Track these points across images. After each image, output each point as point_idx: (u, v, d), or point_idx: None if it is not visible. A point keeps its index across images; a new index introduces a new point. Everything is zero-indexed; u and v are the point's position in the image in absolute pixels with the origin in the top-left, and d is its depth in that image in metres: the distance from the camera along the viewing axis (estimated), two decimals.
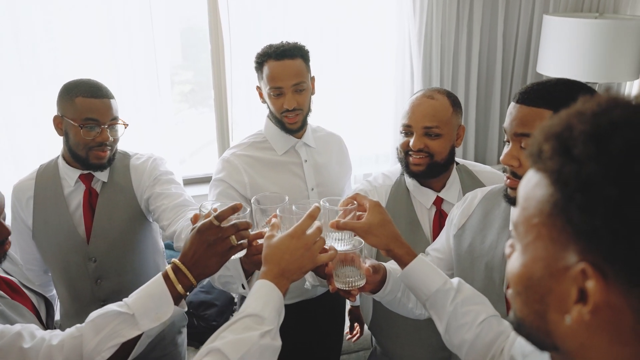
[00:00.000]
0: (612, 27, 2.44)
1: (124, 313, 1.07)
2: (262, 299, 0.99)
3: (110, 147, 1.72)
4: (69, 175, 1.75)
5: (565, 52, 2.56)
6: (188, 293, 1.13)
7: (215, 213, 1.11)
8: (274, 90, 1.74)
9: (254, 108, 2.80)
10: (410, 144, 1.57)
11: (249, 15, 2.66)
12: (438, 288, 1.14)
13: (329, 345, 2.15)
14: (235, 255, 1.17)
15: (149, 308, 1.08)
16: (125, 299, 1.10)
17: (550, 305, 0.57)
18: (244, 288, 1.31)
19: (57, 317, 1.81)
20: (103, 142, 1.68)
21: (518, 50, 3.05)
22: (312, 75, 1.84)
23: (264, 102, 1.84)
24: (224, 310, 2.63)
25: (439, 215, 1.65)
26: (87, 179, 1.76)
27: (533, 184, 0.58)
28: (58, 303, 1.90)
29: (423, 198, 1.65)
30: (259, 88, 1.84)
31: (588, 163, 0.51)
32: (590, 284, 0.52)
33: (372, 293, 1.28)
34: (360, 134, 3.01)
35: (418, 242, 1.62)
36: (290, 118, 1.77)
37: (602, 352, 0.55)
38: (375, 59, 2.93)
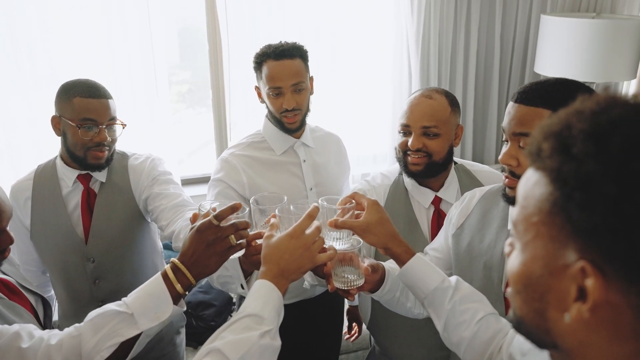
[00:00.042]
0: (609, 26, 2.45)
1: (123, 312, 1.07)
2: (261, 299, 0.99)
3: (108, 147, 1.72)
4: (67, 176, 1.75)
5: (563, 51, 2.57)
6: (187, 292, 1.13)
7: (215, 212, 1.11)
8: (273, 90, 1.74)
9: (252, 108, 2.80)
10: (409, 144, 1.57)
11: (247, 15, 2.66)
12: (436, 286, 1.15)
13: (328, 345, 2.15)
14: (234, 255, 1.17)
15: (148, 307, 1.07)
16: (124, 299, 1.10)
17: (550, 304, 0.57)
18: (243, 288, 1.31)
19: (55, 317, 1.80)
20: (101, 142, 1.68)
21: (516, 50, 3.06)
22: (310, 75, 1.84)
23: (263, 102, 1.83)
24: (223, 311, 2.62)
25: (438, 215, 1.65)
26: (85, 179, 1.76)
27: (532, 183, 0.58)
28: (56, 303, 1.89)
29: (421, 197, 1.66)
30: (258, 88, 1.84)
31: (587, 161, 0.51)
32: (590, 282, 0.52)
33: (370, 292, 1.28)
34: (358, 134, 3.02)
35: (416, 241, 1.62)
36: (289, 118, 1.77)
37: (601, 349, 0.55)
38: (373, 59, 2.94)
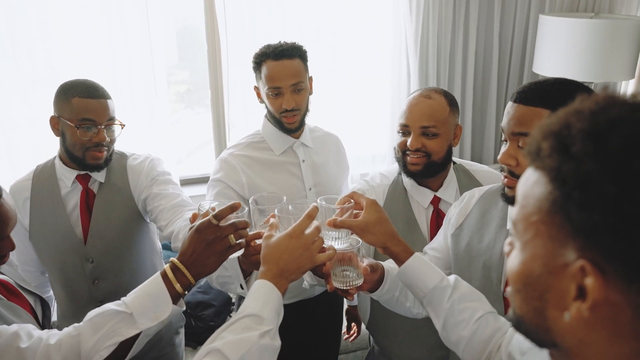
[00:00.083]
0: (607, 26, 2.46)
1: (122, 312, 1.07)
2: (261, 299, 0.99)
3: (107, 147, 1.72)
4: (66, 176, 1.75)
5: (561, 51, 2.57)
6: (186, 292, 1.13)
7: (214, 212, 1.11)
8: (273, 90, 1.74)
9: (251, 108, 2.80)
10: (408, 144, 1.58)
11: (246, 15, 2.66)
12: (435, 285, 1.15)
13: (327, 345, 2.15)
14: (234, 255, 1.17)
15: (147, 307, 1.07)
16: (124, 298, 1.10)
17: (550, 302, 0.57)
18: (242, 288, 1.31)
19: (54, 318, 1.80)
20: (100, 142, 1.67)
21: (514, 50, 3.06)
22: (310, 76, 1.84)
23: (262, 102, 1.83)
24: (222, 311, 2.62)
25: (437, 215, 1.65)
26: (84, 180, 1.76)
27: (532, 182, 0.58)
28: (55, 304, 1.89)
29: (420, 197, 1.66)
30: (257, 88, 1.84)
31: (586, 161, 0.52)
32: (589, 281, 0.52)
33: (370, 292, 1.28)
34: (357, 134, 3.02)
35: (415, 241, 1.62)
36: (289, 118, 1.77)
37: (600, 348, 0.55)
38: (372, 59, 2.94)
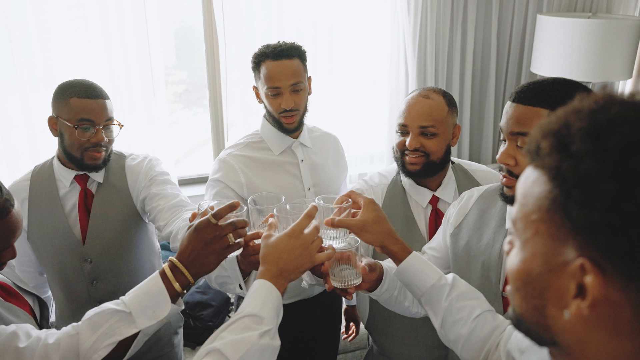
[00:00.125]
0: (605, 26, 2.46)
1: (121, 311, 1.07)
2: (260, 299, 0.99)
3: (105, 147, 1.72)
4: (64, 176, 1.74)
5: (559, 51, 2.58)
6: (185, 291, 1.13)
7: (213, 211, 1.11)
8: (272, 90, 1.74)
9: (249, 108, 2.80)
10: (407, 144, 1.58)
11: (244, 15, 2.67)
12: (433, 284, 1.15)
13: (326, 345, 2.15)
14: (232, 254, 1.17)
15: (146, 306, 1.07)
16: (122, 297, 1.10)
17: (549, 301, 0.57)
18: (242, 288, 1.31)
19: (52, 318, 1.80)
20: (98, 142, 1.67)
21: (512, 50, 3.07)
22: (309, 76, 1.84)
23: (261, 102, 1.83)
24: (220, 311, 2.62)
25: (435, 214, 1.65)
26: (82, 180, 1.75)
27: (531, 181, 0.59)
28: (54, 304, 1.89)
29: (419, 197, 1.66)
30: (256, 88, 1.84)
31: (586, 159, 0.52)
32: (589, 279, 0.52)
33: (369, 291, 1.28)
34: (355, 134, 3.02)
35: (414, 240, 1.62)
36: (288, 118, 1.77)
37: (600, 346, 0.56)
38: (370, 59, 2.94)
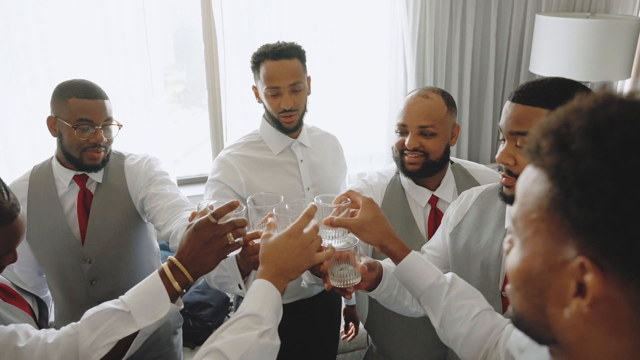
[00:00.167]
0: (603, 26, 2.47)
1: (120, 310, 1.07)
2: (260, 299, 0.99)
3: (105, 148, 1.71)
4: (63, 176, 1.74)
5: (558, 51, 2.58)
6: (185, 291, 1.13)
7: (212, 210, 1.11)
8: (271, 90, 1.74)
9: (248, 108, 2.80)
10: (406, 143, 1.58)
11: (243, 15, 2.66)
12: (432, 283, 1.15)
13: (326, 344, 2.15)
14: (232, 253, 1.17)
15: (146, 305, 1.07)
16: (121, 297, 1.10)
17: (550, 299, 0.57)
18: (241, 288, 1.31)
19: (51, 318, 1.80)
20: (97, 143, 1.67)
21: (511, 50, 3.07)
22: (308, 76, 1.84)
23: (260, 102, 1.83)
24: (219, 311, 2.62)
25: (434, 214, 1.66)
26: (81, 180, 1.75)
27: (531, 180, 0.59)
28: (53, 305, 1.88)
29: (418, 197, 1.66)
30: (255, 88, 1.84)
31: (585, 158, 0.52)
32: (589, 278, 0.52)
33: (368, 291, 1.28)
34: (354, 134, 3.02)
35: (414, 240, 1.62)
36: (287, 118, 1.77)
37: (600, 344, 0.56)
38: (369, 59, 2.94)
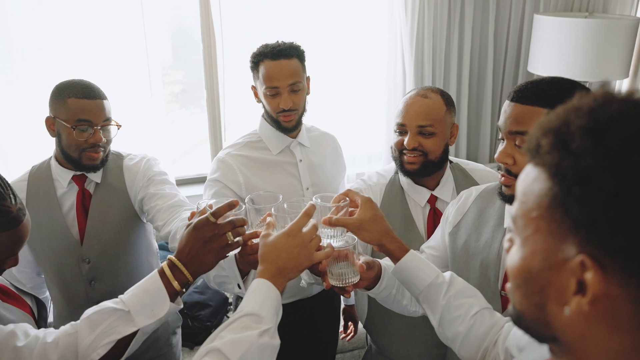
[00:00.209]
0: (602, 26, 2.47)
1: (120, 309, 1.07)
2: (259, 298, 0.99)
3: (103, 148, 1.71)
4: (62, 177, 1.74)
5: (556, 51, 2.59)
6: (184, 290, 1.13)
7: (212, 210, 1.11)
8: (270, 90, 1.74)
9: (246, 108, 2.80)
10: (405, 143, 1.58)
11: (242, 15, 2.66)
12: (431, 282, 1.15)
13: (325, 344, 2.15)
14: (231, 253, 1.17)
15: (145, 304, 1.07)
16: (121, 296, 1.10)
17: (550, 297, 0.58)
18: (240, 288, 1.31)
19: (50, 319, 1.79)
20: (96, 143, 1.67)
21: (509, 50, 3.08)
22: (307, 75, 1.84)
23: (259, 101, 1.83)
24: (218, 311, 2.62)
25: (434, 213, 1.66)
26: (80, 180, 1.75)
27: (531, 179, 0.59)
28: (51, 305, 1.88)
29: (417, 196, 1.66)
30: (254, 88, 1.84)
31: (586, 156, 0.52)
32: (589, 276, 0.53)
33: (367, 289, 1.28)
34: (353, 134, 3.02)
35: (413, 240, 1.63)
36: (286, 116, 1.77)
37: (601, 342, 0.56)
38: (368, 59, 2.94)
